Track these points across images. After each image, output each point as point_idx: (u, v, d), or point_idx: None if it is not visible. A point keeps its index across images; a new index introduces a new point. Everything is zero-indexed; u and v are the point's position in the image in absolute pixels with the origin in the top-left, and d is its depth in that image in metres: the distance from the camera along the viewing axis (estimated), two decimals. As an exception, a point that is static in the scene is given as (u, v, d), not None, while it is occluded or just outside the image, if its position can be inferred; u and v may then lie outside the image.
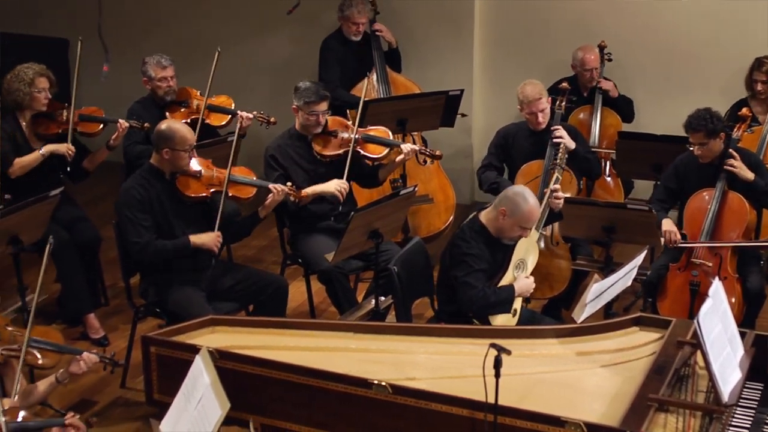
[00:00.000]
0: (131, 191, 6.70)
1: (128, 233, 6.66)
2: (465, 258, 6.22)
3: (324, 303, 7.82)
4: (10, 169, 7.49)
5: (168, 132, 6.68)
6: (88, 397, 6.95)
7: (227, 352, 5.07)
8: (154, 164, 6.78)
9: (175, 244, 6.68)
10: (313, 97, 7.31)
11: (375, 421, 4.86)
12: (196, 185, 6.78)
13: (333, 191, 7.32)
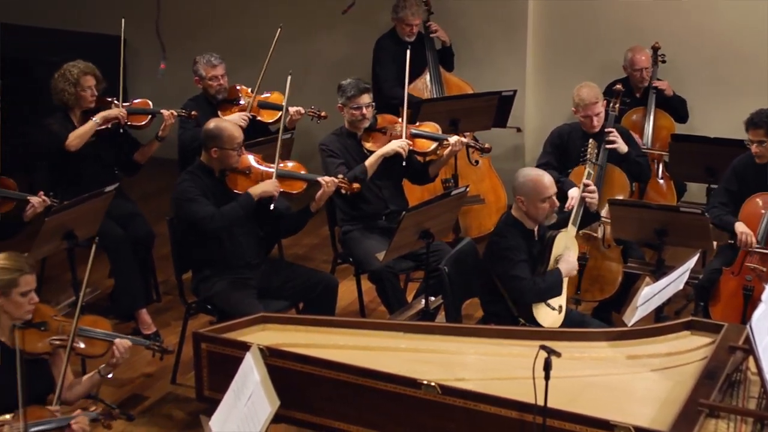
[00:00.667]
0: (184, 182, 6.77)
1: (195, 214, 6.66)
2: (505, 252, 6.25)
3: (374, 302, 7.83)
4: (67, 142, 7.54)
5: (216, 131, 6.72)
6: (138, 392, 7.00)
7: (277, 350, 5.08)
8: (203, 162, 6.82)
9: (240, 202, 6.69)
10: (353, 91, 7.34)
11: (423, 422, 4.86)
12: (246, 183, 6.81)
13: (395, 149, 7.33)
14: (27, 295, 5.15)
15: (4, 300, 5.09)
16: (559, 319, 6.33)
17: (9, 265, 5.13)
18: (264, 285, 6.85)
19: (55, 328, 5.31)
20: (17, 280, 5.10)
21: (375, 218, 7.41)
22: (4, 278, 5.08)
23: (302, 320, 5.76)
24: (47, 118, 7.67)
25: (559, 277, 6.28)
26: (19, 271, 5.11)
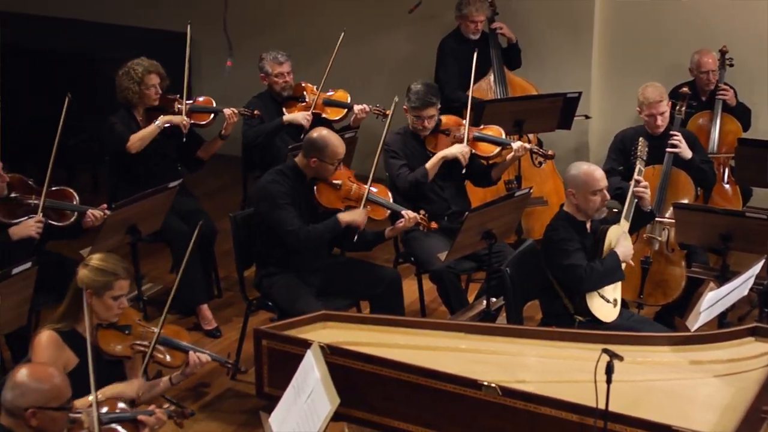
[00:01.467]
0: (276, 185, 6.75)
1: (282, 223, 6.66)
2: (559, 244, 6.26)
3: (435, 302, 7.82)
4: (128, 144, 7.59)
5: (320, 142, 6.70)
6: (199, 387, 7.04)
7: (338, 348, 5.09)
8: (298, 165, 6.82)
9: (326, 226, 6.71)
10: (419, 103, 7.33)
11: (483, 422, 4.85)
12: (333, 197, 6.81)
13: (455, 153, 7.31)
14: (118, 299, 5.19)
15: (96, 300, 5.13)
16: (614, 312, 6.28)
17: (105, 267, 5.17)
18: (325, 282, 6.86)
19: (138, 333, 5.34)
20: (112, 283, 5.15)
21: (437, 218, 7.39)
22: (100, 280, 5.13)
23: (363, 318, 5.77)
24: (112, 116, 7.73)
25: (617, 261, 6.26)
26: (114, 275, 5.15)
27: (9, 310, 6.04)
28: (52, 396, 4.39)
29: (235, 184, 9.11)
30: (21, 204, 6.84)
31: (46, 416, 4.38)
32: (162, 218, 7.35)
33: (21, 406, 4.35)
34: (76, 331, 5.16)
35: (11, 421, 4.39)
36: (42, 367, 4.53)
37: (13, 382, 4.39)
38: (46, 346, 5.08)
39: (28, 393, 4.36)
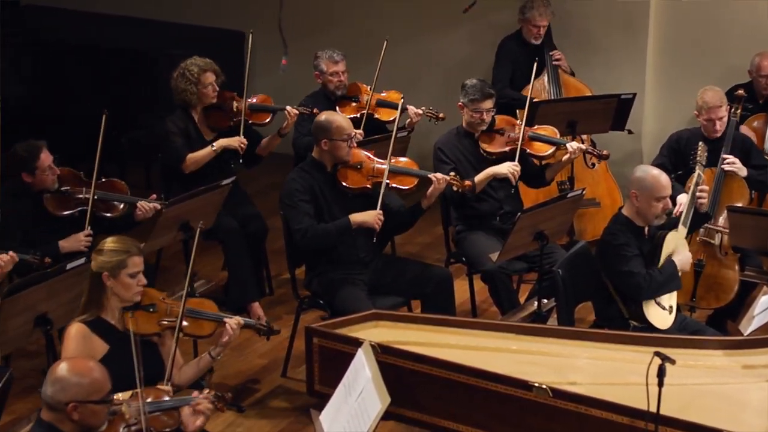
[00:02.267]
0: (292, 183, 6.80)
1: (290, 221, 6.74)
2: (618, 250, 6.21)
3: (486, 303, 7.81)
4: (184, 165, 7.65)
5: (325, 123, 6.75)
6: (249, 384, 7.07)
7: (389, 347, 5.09)
8: (315, 157, 6.85)
9: (336, 225, 6.71)
10: (478, 95, 7.31)
11: (533, 424, 4.83)
12: (357, 177, 6.83)
13: (505, 173, 7.30)
14: (135, 276, 5.22)
15: (114, 282, 5.17)
16: (669, 319, 6.25)
17: (117, 247, 5.21)
18: (376, 281, 6.87)
19: (163, 309, 5.39)
20: (125, 261, 5.18)
21: (489, 218, 7.38)
22: (113, 260, 5.17)
23: (414, 318, 5.77)
24: (168, 120, 7.75)
25: (675, 270, 6.23)
26: (126, 252, 5.19)
27: (63, 306, 6.10)
28: (93, 390, 4.42)
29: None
30: (71, 197, 6.93)
31: (86, 410, 4.41)
32: (214, 216, 7.39)
33: (62, 401, 4.38)
34: (101, 319, 5.21)
35: (52, 415, 4.42)
36: (82, 362, 4.56)
37: (53, 377, 4.42)
38: (73, 338, 5.13)
39: (69, 387, 4.39)
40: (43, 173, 6.81)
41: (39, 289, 5.89)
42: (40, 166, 6.79)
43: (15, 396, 6.59)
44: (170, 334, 5.38)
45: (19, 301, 5.81)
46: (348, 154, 6.79)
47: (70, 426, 4.42)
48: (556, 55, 9.15)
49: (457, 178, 6.90)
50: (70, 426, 4.42)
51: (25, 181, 6.85)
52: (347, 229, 6.72)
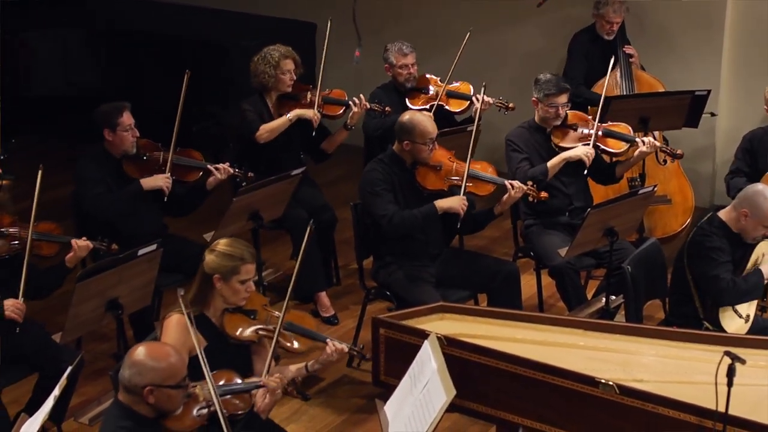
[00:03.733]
0: (373, 172, 6.81)
1: (375, 208, 6.73)
2: (709, 252, 6.17)
3: (552, 298, 7.78)
4: (257, 134, 7.69)
5: (409, 124, 6.74)
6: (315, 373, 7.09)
7: (455, 340, 5.09)
8: (396, 152, 6.86)
9: (422, 211, 6.70)
10: (554, 90, 7.27)
11: (599, 420, 4.81)
12: (435, 178, 6.82)
13: (580, 155, 7.26)
14: (245, 283, 5.24)
15: (223, 285, 5.18)
16: (744, 327, 6.21)
17: (232, 252, 5.21)
18: (443, 274, 6.87)
19: (263, 318, 5.39)
20: (239, 268, 5.19)
21: (558, 214, 7.35)
22: (227, 265, 5.17)
23: (480, 311, 5.76)
24: (243, 102, 7.83)
25: (761, 279, 6.21)
26: (241, 259, 5.19)
27: (134, 291, 6.18)
28: (169, 374, 4.48)
29: (356, 173, 9.12)
30: (149, 161, 7.03)
31: (162, 394, 4.47)
32: (284, 206, 7.44)
33: (139, 384, 4.44)
34: (204, 316, 5.23)
35: (129, 398, 4.49)
36: (159, 346, 4.62)
37: (131, 361, 4.48)
38: (175, 327, 5.15)
39: (146, 372, 4.45)
40: (125, 131, 6.90)
41: (111, 275, 5.96)
42: (121, 123, 6.88)
43: (85, 379, 6.69)
44: (266, 343, 5.40)
45: (91, 286, 5.88)
46: (428, 156, 6.78)
47: (145, 408, 4.48)
48: (628, 50, 9.07)
49: (534, 188, 6.86)
50: (146, 408, 4.49)
51: (106, 141, 6.94)
52: (434, 214, 6.72)
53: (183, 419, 4.61)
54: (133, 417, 4.48)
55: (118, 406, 4.53)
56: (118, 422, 4.46)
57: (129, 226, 6.92)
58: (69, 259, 6.24)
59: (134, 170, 7.03)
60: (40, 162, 6.22)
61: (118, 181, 7.00)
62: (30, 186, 6.22)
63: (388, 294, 6.91)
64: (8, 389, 6.15)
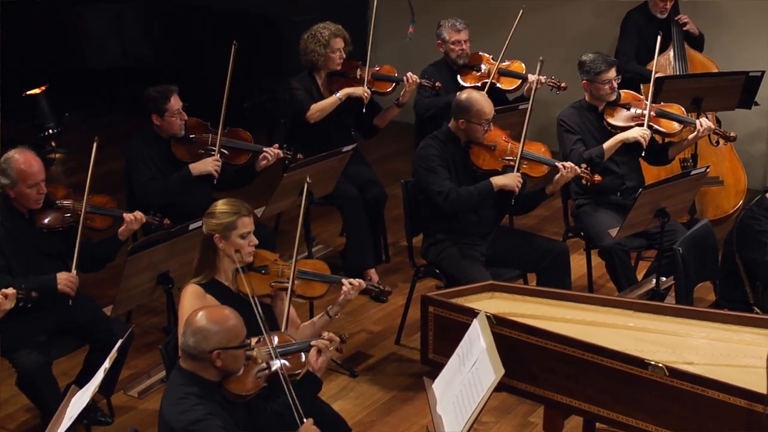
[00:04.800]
0: (429, 148, 6.80)
1: (431, 184, 6.72)
2: (758, 236, 6.13)
3: (602, 278, 7.75)
4: (308, 113, 7.71)
5: (466, 103, 6.72)
6: (363, 350, 7.13)
7: (504, 319, 5.08)
8: (451, 129, 6.84)
9: (478, 188, 6.70)
10: (602, 66, 7.23)
11: (647, 402, 4.78)
12: (489, 158, 6.81)
13: (636, 137, 7.21)
14: (246, 237, 5.27)
15: (225, 244, 5.23)
16: None
17: (227, 209, 5.27)
18: (493, 252, 6.86)
19: (275, 271, 5.45)
20: (235, 222, 5.23)
21: (610, 194, 7.31)
22: (223, 221, 5.23)
23: (530, 291, 5.74)
24: (293, 80, 7.84)
25: None
26: (236, 213, 5.25)
27: (185, 265, 6.20)
28: (233, 335, 4.55)
29: (407, 150, 9.15)
30: (198, 143, 7.06)
31: (228, 356, 4.54)
32: (334, 182, 7.46)
33: (205, 349, 4.51)
34: (215, 280, 5.28)
35: (194, 364, 4.55)
36: (218, 310, 4.67)
37: (193, 328, 4.53)
38: (189, 298, 5.20)
39: (211, 336, 4.51)
40: (172, 116, 6.95)
41: (162, 248, 6.01)
42: (169, 108, 6.93)
43: (135, 352, 6.76)
44: (283, 296, 5.44)
45: (142, 260, 5.93)
46: (483, 136, 6.77)
47: (212, 372, 4.56)
48: (683, 18, 8.99)
49: (588, 171, 6.83)
50: (213, 372, 4.56)
51: (154, 125, 6.98)
52: (490, 191, 6.71)
53: (244, 381, 4.69)
54: (199, 383, 4.55)
55: (182, 374, 4.58)
56: (186, 389, 4.53)
57: (180, 202, 6.96)
58: (121, 231, 6.29)
59: (183, 152, 7.06)
60: (94, 135, 6.26)
61: (167, 162, 7.04)
62: (83, 159, 6.28)
63: (438, 272, 6.91)
64: (59, 361, 6.22)
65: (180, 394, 4.53)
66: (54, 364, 6.09)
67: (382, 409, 6.55)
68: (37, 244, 6.08)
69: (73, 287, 5.94)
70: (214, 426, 4.43)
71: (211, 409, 4.49)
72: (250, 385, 4.70)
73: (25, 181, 5.93)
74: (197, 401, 4.49)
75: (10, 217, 6.02)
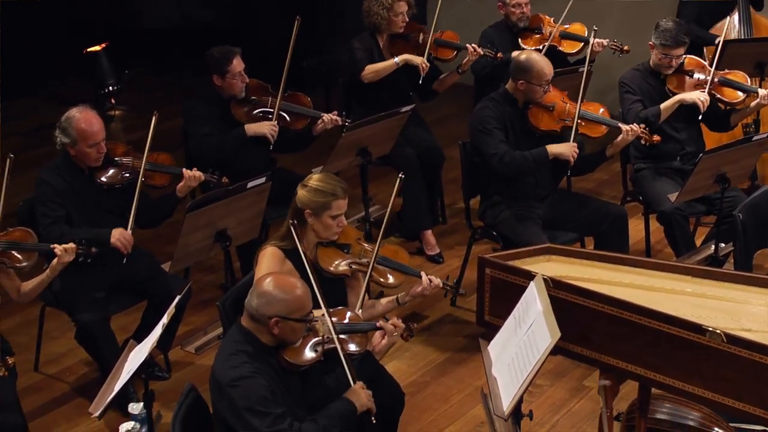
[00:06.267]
0: (485, 110, 6.77)
1: (486, 146, 6.69)
2: None
3: (660, 243, 7.70)
4: (363, 74, 7.69)
5: (526, 64, 6.67)
6: (419, 311, 7.14)
7: (561, 282, 5.05)
8: (508, 90, 6.80)
9: (533, 154, 6.67)
10: (671, 42, 7.15)
11: (703, 368, 4.75)
12: (547, 119, 6.77)
13: (694, 99, 7.14)
14: (337, 218, 5.28)
15: (314, 220, 5.22)
16: None
17: (323, 188, 5.24)
18: (551, 215, 6.84)
19: (357, 252, 5.43)
20: (330, 203, 5.23)
21: (670, 158, 7.25)
22: (318, 200, 5.21)
23: (587, 254, 5.70)
24: (354, 40, 7.82)
25: None
26: (333, 195, 5.22)
27: (242, 223, 6.25)
28: (295, 307, 4.55)
29: (465, 112, 9.11)
30: (258, 106, 7.08)
31: (287, 326, 4.55)
32: (392, 142, 7.45)
33: (266, 314, 4.52)
34: (298, 250, 5.29)
35: (253, 325, 4.57)
36: (288, 279, 4.67)
37: (260, 291, 4.55)
38: (269, 259, 5.22)
39: (274, 303, 4.52)
40: (233, 78, 6.96)
41: (220, 206, 6.04)
42: (231, 70, 6.94)
43: (192, 308, 6.81)
44: (359, 276, 5.44)
45: (200, 217, 5.97)
46: (542, 97, 6.73)
47: (268, 338, 4.58)
48: None
49: (647, 131, 6.78)
50: (268, 337, 4.58)
51: (215, 85, 7.00)
52: (544, 158, 6.68)
53: (300, 352, 4.68)
54: (253, 343, 4.57)
55: (240, 330, 4.61)
56: (240, 346, 4.55)
57: (238, 160, 6.98)
58: (180, 188, 6.33)
59: (242, 114, 7.08)
60: (153, 94, 6.31)
61: (225, 122, 7.06)
62: (142, 117, 6.30)
63: (495, 234, 6.90)
64: (117, 316, 6.29)
65: (232, 350, 4.56)
66: (112, 319, 6.16)
67: (437, 370, 6.56)
68: (97, 200, 6.13)
69: (126, 244, 5.98)
70: (259, 385, 4.44)
71: (260, 369, 4.50)
72: (306, 356, 4.70)
73: (86, 140, 5.97)
74: (247, 359, 4.50)
75: (70, 173, 6.07)
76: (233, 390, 4.41)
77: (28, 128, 10.28)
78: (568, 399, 6.28)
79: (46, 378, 6.51)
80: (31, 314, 6.62)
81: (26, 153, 8.74)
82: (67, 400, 6.31)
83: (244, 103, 7.08)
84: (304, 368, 4.71)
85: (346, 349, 4.84)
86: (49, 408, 6.23)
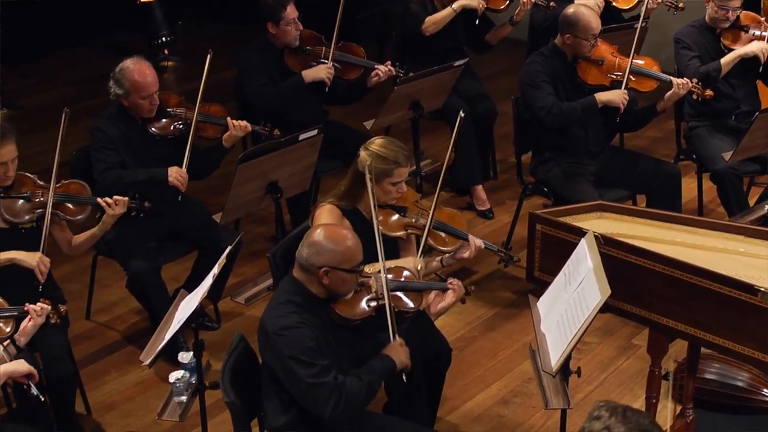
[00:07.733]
0: (534, 65, 6.75)
1: (534, 100, 6.66)
2: None
3: (713, 203, 7.64)
4: (423, 26, 7.64)
5: (573, 18, 6.63)
6: (468, 266, 7.13)
7: (612, 239, 5.03)
8: (557, 45, 6.76)
9: (582, 103, 6.63)
10: None
11: (753, 328, 4.71)
12: (596, 73, 6.71)
13: (755, 51, 7.05)
14: (397, 185, 5.27)
15: (374, 184, 5.21)
16: None
17: (387, 155, 5.20)
18: (603, 172, 6.80)
19: (414, 214, 5.42)
20: (392, 171, 5.21)
21: (725, 117, 7.18)
22: (380, 167, 5.17)
23: (639, 212, 5.67)
24: None
25: None
26: (395, 162, 5.20)
27: (293, 175, 6.27)
28: (345, 258, 4.55)
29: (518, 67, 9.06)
30: (311, 55, 7.08)
31: (337, 276, 4.54)
32: (444, 97, 7.43)
33: (315, 264, 4.53)
34: (356, 209, 5.28)
35: (304, 276, 4.58)
36: (338, 229, 4.67)
37: (309, 241, 4.56)
38: (326, 216, 5.21)
39: (324, 252, 4.52)
40: (288, 25, 6.96)
41: (271, 158, 6.06)
42: (285, 17, 6.93)
43: (243, 259, 6.85)
44: (413, 239, 5.44)
45: (252, 168, 5.99)
46: (589, 52, 6.67)
47: (318, 288, 4.58)
48: None
49: (699, 86, 6.71)
50: (319, 288, 4.58)
51: (269, 33, 7.00)
52: (593, 106, 6.64)
53: (352, 306, 4.68)
54: (304, 294, 4.57)
55: (291, 281, 4.63)
56: (290, 296, 4.56)
57: (291, 111, 6.98)
58: (226, 138, 6.33)
59: (295, 63, 7.07)
60: (206, 45, 6.31)
61: (279, 72, 7.06)
62: (195, 68, 6.31)
63: (546, 190, 6.88)
64: (168, 266, 6.34)
65: (282, 299, 4.57)
66: (163, 268, 6.21)
67: (485, 325, 6.57)
68: (149, 149, 6.17)
69: (183, 182, 6.03)
70: (304, 336, 4.44)
71: (307, 320, 4.51)
72: (357, 310, 4.70)
73: (139, 92, 6.00)
74: (294, 309, 4.51)
75: (123, 122, 6.11)
76: (279, 339, 4.43)
77: (82, 77, 10.34)
78: (616, 357, 6.28)
79: (98, 326, 6.58)
80: (84, 262, 6.68)
81: (79, 103, 8.80)
82: (117, 349, 6.38)
83: (298, 52, 7.08)
84: (356, 323, 4.71)
85: (401, 306, 4.85)
86: (99, 356, 6.30)
